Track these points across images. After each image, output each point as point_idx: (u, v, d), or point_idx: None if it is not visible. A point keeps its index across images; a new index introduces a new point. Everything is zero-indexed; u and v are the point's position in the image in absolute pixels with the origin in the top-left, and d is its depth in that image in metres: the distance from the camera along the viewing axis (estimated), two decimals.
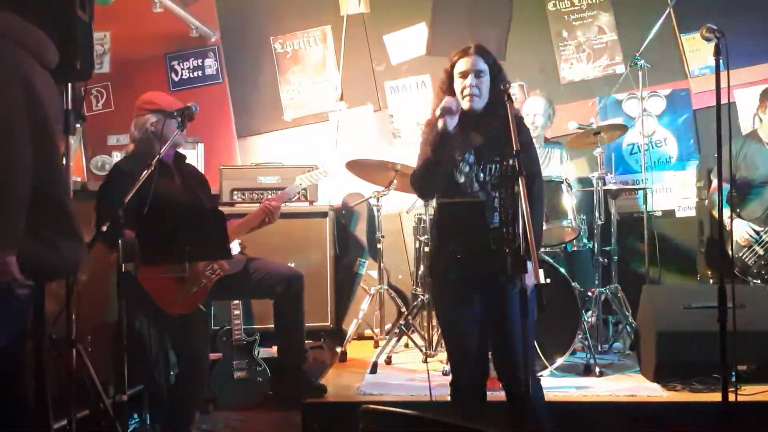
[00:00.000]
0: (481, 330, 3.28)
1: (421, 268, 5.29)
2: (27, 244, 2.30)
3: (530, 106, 5.47)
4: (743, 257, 4.74)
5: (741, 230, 4.82)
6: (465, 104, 3.24)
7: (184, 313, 3.89)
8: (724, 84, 3.31)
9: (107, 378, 4.10)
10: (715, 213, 4.92)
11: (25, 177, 2.29)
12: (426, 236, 5.17)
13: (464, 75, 3.26)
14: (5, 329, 2.45)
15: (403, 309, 5.43)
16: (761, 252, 4.66)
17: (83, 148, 6.47)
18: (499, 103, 3.22)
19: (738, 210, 4.95)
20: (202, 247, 3.68)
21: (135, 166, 3.81)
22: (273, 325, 4.47)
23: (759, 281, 4.68)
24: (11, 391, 2.56)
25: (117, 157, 6.53)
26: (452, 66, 3.31)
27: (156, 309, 3.85)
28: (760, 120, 4.94)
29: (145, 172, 3.60)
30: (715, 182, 4.94)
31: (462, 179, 3.24)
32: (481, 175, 3.24)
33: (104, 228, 3.54)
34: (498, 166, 3.23)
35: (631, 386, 4.39)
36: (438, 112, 3.18)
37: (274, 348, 4.65)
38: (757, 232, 4.74)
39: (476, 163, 3.25)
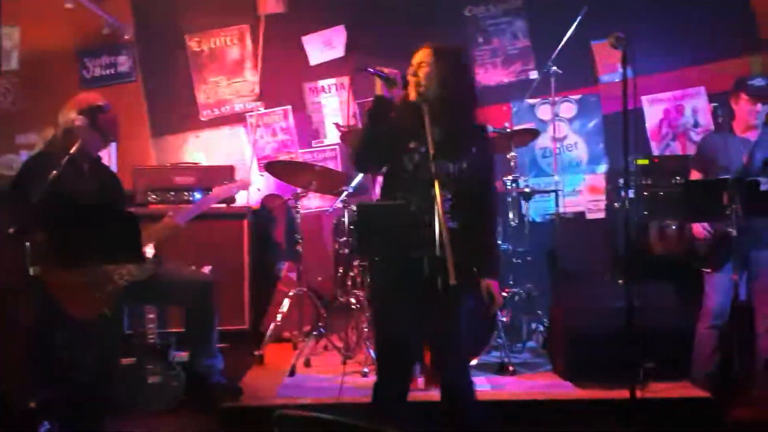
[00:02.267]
0: (415, 333, 3.28)
1: (340, 270, 5.25)
2: None
3: None
4: (698, 246, 4.78)
5: (699, 223, 4.69)
6: (411, 94, 3.19)
7: (89, 317, 3.77)
8: (631, 90, 3.42)
9: (14, 385, 3.95)
10: None
11: None
12: (344, 238, 5.16)
13: (411, 73, 3.22)
14: None
15: (322, 311, 5.40)
16: (712, 244, 4.71)
17: None
18: (454, 99, 3.19)
19: None
20: (115, 251, 3.57)
21: (46, 163, 3.69)
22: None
23: (708, 269, 4.73)
24: None
25: (26, 156, 6.30)
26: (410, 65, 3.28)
27: (63, 313, 3.73)
28: (732, 112, 4.71)
29: (55, 172, 3.49)
30: None
31: (411, 167, 3.17)
32: (432, 167, 3.08)
33: (11, 230, 3.42)
34: (455, 163, 3.17)
35: (543, 384, 4.48)
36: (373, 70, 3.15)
37: None
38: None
39: (427, 154, 3.09)
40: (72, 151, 3.66)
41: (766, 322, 4.53)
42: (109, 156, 6.06)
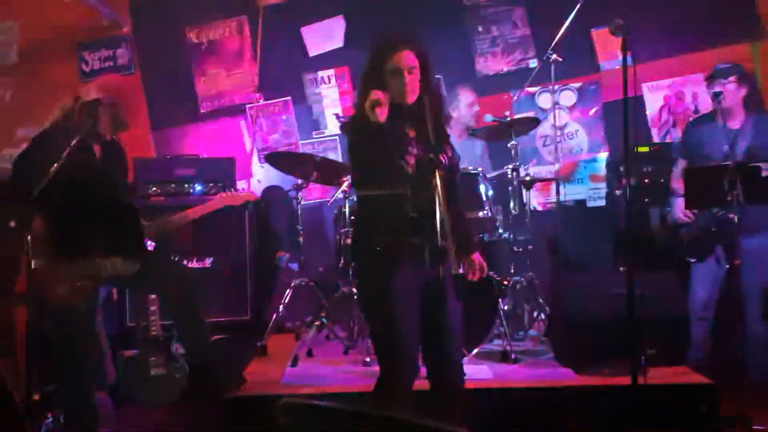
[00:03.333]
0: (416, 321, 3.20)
1: (341, 260, 5.24)
2: None
3: (467, 98, 5.53)
4: (681, 234, 4.82)
5: (679, 209, 4.80)
6: (399, 100, 3.13)
7: (68, 304, 3.78)
8: (632, 77, 3.43)
9: (18, 378, 3.97)
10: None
11: None
12: (346, 228, 5.16)
13: (397, 72, 3.14)
14: None
15: (324, 301, 5.41)
16: (695, 231, 4.76)
17: None
18: (434, 96, 3.23)
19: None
20: (117, 245, 3.59)
21: (54, 143, 3.65)
22: None
23: (694, 258, 4.78)
24: None
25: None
26: (382, 60, 3.17)
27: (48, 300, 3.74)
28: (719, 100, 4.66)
29: (56, 165, 3.49)
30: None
31: (411, 171, 3.15)
32: (433, 157, 3.10)
33: (12, 223, 3.43)
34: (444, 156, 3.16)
35: (545, 372, 4.50)
36: (368, 105, 3.04)
37: None
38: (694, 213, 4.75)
39: (421, 154, 3.14)
40: (72, 143, 3.63)
41: (755, 309, 4.57)
42: None
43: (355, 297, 4.94)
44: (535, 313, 5.40)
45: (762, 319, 4.60)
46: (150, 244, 4.14)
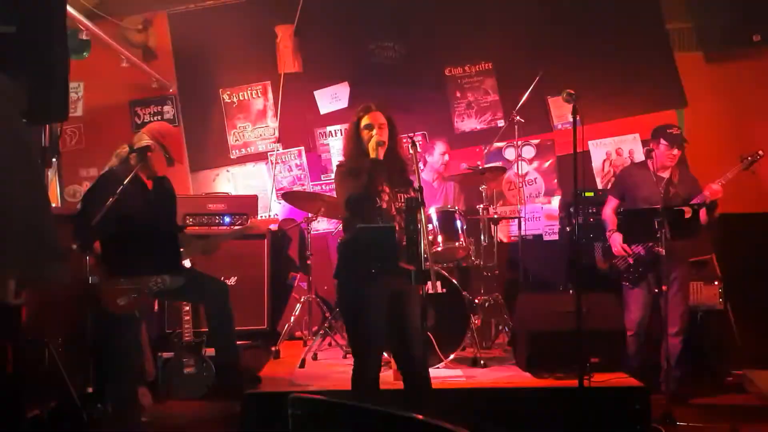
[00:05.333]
0: (384, 330, 3.31)
1: None
2: (24, 265, 2.17)
3: (440, 149, 5.55)
4: (617, 263, 4.82)
5: (617, 243, 4.77)
6: (373, 152, 3.26)
7: (126, 312, 3.76)
8: (580, 136, 3.48)
9: (75, 373, 3.95)
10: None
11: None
12: None
13: (371, 128, 3.31)
14: None
15: (328, 314, 5.40)
16: (631, 261, 4.76)
17: (58, 179, 6.23)
18: (398, 148, 3.36)
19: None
20: (160, 265, 3.60)
21: (112, 182, 3.69)
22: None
23: (627, 283, 4.79)
24: None
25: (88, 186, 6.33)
26: (359, 120, 3.36)
27: (106, 311, 3.73)
28: (652, 154, 4.66)
29: (111, 199, 3.51)
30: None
31: (384, 205, 3.27)
32: (395, 202, 3.30)
33: (74, 246, 3.44)
34: (404, 195, 3.29)
35: (508, 375, 4.49)
36: (373, 146, 3.23)
37: None
38: (630, 246, 4.75)
39: (391, 192, 3.30)
40: (127, 179, 3.65)
41: (675, 325, 4.57)
42: None
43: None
44: (501, 327, 5.40)
45: (677, 335, 4.61)
46: (187, 262, 4.14)
